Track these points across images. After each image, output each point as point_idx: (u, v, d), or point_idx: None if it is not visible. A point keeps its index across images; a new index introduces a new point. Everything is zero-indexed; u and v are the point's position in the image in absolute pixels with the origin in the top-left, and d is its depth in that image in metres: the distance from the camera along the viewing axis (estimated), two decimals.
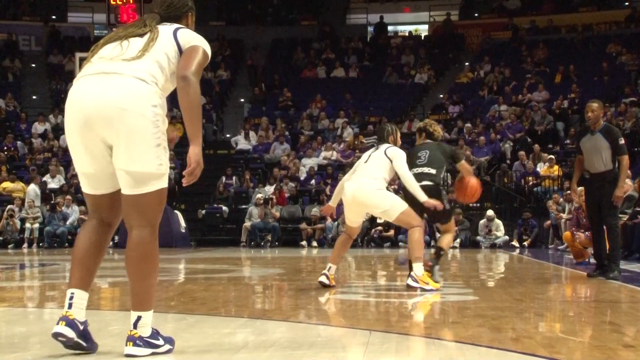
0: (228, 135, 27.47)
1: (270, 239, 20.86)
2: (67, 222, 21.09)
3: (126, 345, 3.89)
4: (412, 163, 8.13)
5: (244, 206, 22.18)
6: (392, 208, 7.70)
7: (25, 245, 20.62)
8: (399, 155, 7.88)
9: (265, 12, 35.75)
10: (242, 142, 26.05)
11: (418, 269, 7.51)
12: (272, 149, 25.39)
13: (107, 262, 13.74)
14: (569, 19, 32.56)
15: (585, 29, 31.51)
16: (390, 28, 35.05)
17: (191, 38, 4.06)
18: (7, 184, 22.49)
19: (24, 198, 21.71)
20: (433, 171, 8.18)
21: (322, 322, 5.54)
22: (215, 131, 27.89)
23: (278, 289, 8.54)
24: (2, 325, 5.58)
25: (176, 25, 4.14)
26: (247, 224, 21.11)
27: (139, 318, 3.90)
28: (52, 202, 21.57)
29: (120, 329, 5.39)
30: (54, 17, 34.53)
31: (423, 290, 7.34)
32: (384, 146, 8.04)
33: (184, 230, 20.50)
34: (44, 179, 22.98)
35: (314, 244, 20.58)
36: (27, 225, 20.91)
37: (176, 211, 20.69)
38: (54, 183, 22.82)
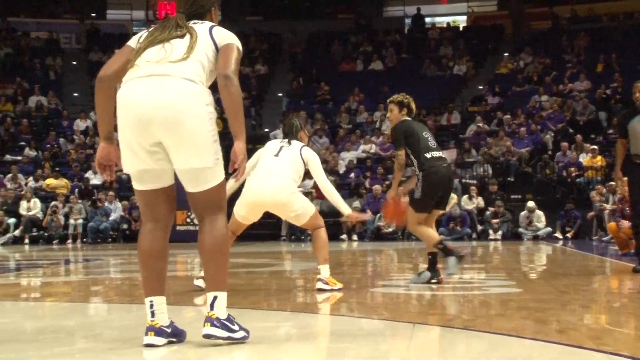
0: (267, 130, 27.51)
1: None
2: (110, 218, 21.32)
3: (204, 326, 3.96)
4: (422, 144, 7.51)
5: None
6: (304, 212, 7.25)
7: (70, 240, 20.86)
8: (316, 160, 7.34)
9: (302, 6, 35.78)
10: (280, 136, 26.04)
11: (326, 270, 7.15)
12: (310, 142, 25.35)
13: None
14: (610, 7, 32.16)
15: (627, 17, 31.09)
16: (427, 20, 34.88)
17: (225, 36, 4.17)
18: (50, 181, 22.77)
19: (67, 194, 21.98)
20: (445, 156, 7.78)
21: (364, 315, 5.53)
22: (254, 126, 27.96)
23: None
24: (49, 320, 5.65)
25: (209, 24, 4.24)
26: None
27: (215, 298, 3.99)
28: (94, 198, 21.79)
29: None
30: (93, 14, 34.88)
31: (333, 290, 6.93)
32: (297, 144, 7.37)
33: None
34: (86, 175, 23.22)
35: (354, 237, 20.56)
36: (71, 221, 21.16)
37: None
38: (96, 179, 23.05)
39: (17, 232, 21.08)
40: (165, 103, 3.92)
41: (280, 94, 30.32)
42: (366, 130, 25.79)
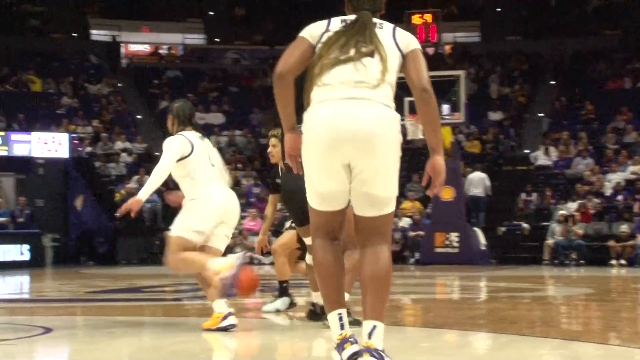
0: (527, 151, 26.93)
1: (575, 257, 20.10)
2: None
3: (361, 355, 3.83)
4: None
5: (545, 223, 21.58)
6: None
7: None
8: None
9: (565, 23, 34.78)
10: (541, 158, 25.42)
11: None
12: (574, 164, 24.53)
13: (408, 279, 13.92)
14: None
15: None
16: None
17: (409, 40, 4.09)
18: None
19: None
20: None
21: None
22: (513, 147, 27.47)
23: (586, 310, 8.18)
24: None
25: (390, 27, 4.12)
26: (550, 241, 20.49)
27: (374, 327, 3.86)
28: None
29: (430, 346, 5.41)
30: None
31: None
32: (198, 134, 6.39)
33: (484, 248, 20.32)
34: None
35: (622, 262, 19.54)
36: None
37: (476, 228, 20.54)
38: None
39: None
40: (365, 126, 3.90)
41: (541, 114, 29.57)
42: (635, 150, 24.50)
